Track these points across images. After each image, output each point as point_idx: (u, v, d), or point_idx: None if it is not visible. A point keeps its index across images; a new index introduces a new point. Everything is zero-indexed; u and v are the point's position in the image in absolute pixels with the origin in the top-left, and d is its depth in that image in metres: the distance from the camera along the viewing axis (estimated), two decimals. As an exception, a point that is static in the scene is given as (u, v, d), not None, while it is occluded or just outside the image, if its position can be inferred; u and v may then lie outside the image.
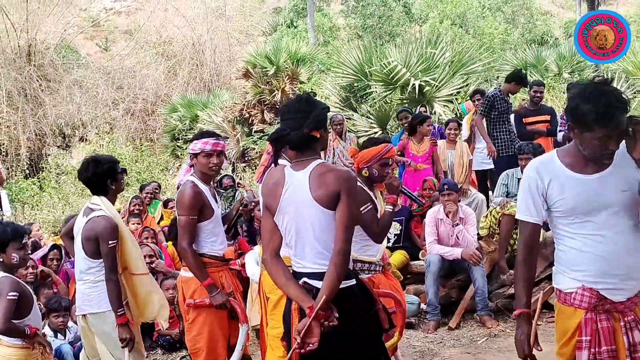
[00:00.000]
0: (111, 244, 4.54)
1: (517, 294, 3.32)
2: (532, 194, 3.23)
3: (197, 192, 4.63)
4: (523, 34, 33.40)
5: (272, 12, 38.78)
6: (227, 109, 21.05)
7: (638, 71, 18.03)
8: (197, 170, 4.76)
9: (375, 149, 4.81)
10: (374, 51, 17.00)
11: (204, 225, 4.68)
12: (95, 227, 4.58)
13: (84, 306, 4.71)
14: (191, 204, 4.59)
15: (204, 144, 4.70)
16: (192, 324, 4.72)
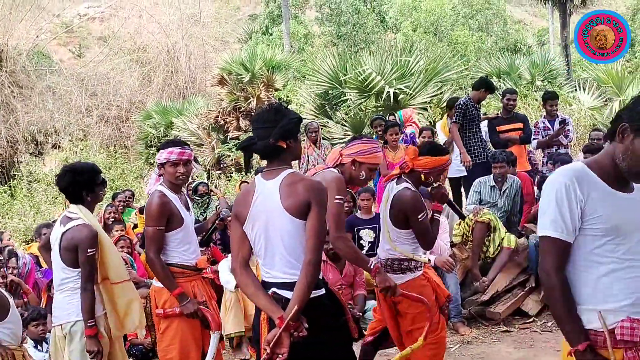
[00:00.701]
0: (90, 252, 4.48)
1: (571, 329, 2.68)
2: (567, 206, 2.69)
3: (165, 202, 4.58)
4: (497, 42, 33.71)
5: (248, 19, 38.79)
6: (202, 116, 20.95)
7: (609, 79, 18.25)
8: (165, 180, 4.72)
9: (440, 159, 4.74)
10: (349, 59, 17.07)
11: (173, 235, 4.63)
12: (75, 236, 4.51)
13: (62, 316, 4.63)
14: (158, 213, 4.55)
15: (169, 154, 4.66)
16: (163, 334, 4.67)
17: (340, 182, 4.27)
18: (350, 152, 4.45)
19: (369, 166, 4.45)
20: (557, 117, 9.36)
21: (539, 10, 45.06)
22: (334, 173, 4.35)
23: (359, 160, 4.42)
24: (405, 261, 4.69)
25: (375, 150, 4.48)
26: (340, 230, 4.23)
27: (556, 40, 28.20)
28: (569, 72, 22.53)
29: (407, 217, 4.57)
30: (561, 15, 25.55)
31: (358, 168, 4.44)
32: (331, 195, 4.08)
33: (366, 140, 4.53)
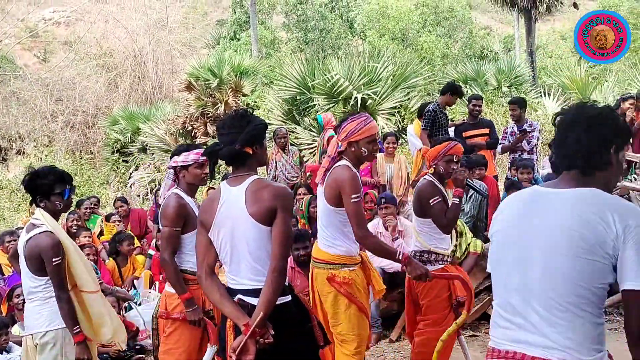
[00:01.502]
0: (55, 261, 4.35)
1: None
2: None
3: (182, 204, 4.58)
4: (463, 49, 34.02)
5: (216, 24, 38.67)
6: (170, 121, 20.81)
7: (573, 85, 18.53)
8: (182, 183, 4.72)
9: (439, 147, 5.10)
10: (317, 64, 17.08)
11: (188, 237, 4.58)
12: (37, 244, 4.39)
13: (33, 325, 4.52)
14: (175, 214, 4.53)
15: (197, 154, 4.68)
16: (168, 337, 4.65)
17: (352, 179, 4.35)
18: (343, 136, 4.51)
19: (366, 140, 4.47)
20: (526, 123, 9.45)
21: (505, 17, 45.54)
22: (344, 169, 4.42)
23: (354, 140, 4.46)
24: (426, 253, 5.01)
25: (364, 124, 4.48)
26: (363, 228, 4.35)
27: (522, 47, 28.52)
28: (534, 79, 22.82)
29: (422, 205, 4.98)
30: (526, 22, 25.84)
31: (357, 147, 4.47)
32: (348, 197, 4.29)
33: (352, 119, 4.55)
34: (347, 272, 4.54)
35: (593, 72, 26.17)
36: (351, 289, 4.54)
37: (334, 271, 4.54)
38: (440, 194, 4.98)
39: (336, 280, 4.52)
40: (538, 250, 2.52)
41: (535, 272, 2.52)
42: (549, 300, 2.46)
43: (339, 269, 4.55)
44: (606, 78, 21.20)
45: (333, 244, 4.55)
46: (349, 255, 4.57)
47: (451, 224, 5.00)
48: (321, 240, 4.64)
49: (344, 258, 4.56)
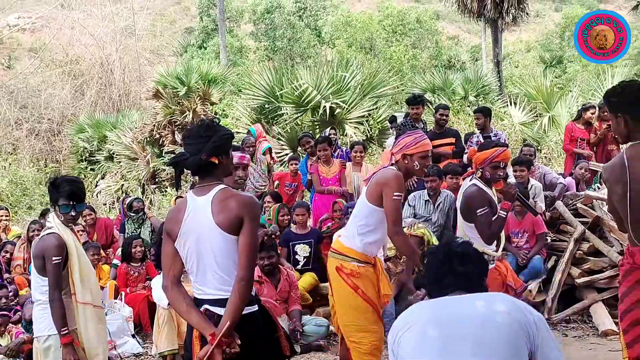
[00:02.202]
0: (54, 260, 4.47)
1: None
2: None
3: None
4: (431, 58, 34.30)
5: (184, 32, 38.53)
6: (137, 129, 20.64)
7: (538, 95, 18.75)
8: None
9: (486, 152, 5.20)
10: (285, 73, 17.10)
11: None
12: (43, 244, 4.57)
13: (38, 329, 4.62)
14: None
15: None
16: None
17: (398, 179, 4.52)
18: (398, 149, 4.70)
19: (420, 155, 4.66)
20: (492, 132, 9.53)
21: (473, 27, 46.05)
22: (393, 170, 4.61)
23: (408, 153, 4.64)
24: None
25: (420, 139, 4.68)
26: (397, 225, 4.53)
27: (489, 57, 28.84)
28: (501, 88, 23.06)
29: (470, 212, 5.09)
30: (493, 32, 26.12)
31: (410, 160, 4.65)
32: (390, 192, 4.46)
33: (409, 133, 4.76)
34: (354, 266, 4.67)
35: (558, 82, 26.57)
36: (357, 281, 4.65)
37: (343, 262, 4.69)
38: (487, 202, 5.11)
39: (344, 270, 4.66)
40: None
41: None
42: None
43: (349, 262, 4.68)
44: (570, 88, 21.50)
45: (353, 239, 4.70)
46: (363, 253, 4.69)
47: (494, 236, 5.14)
48: (344, 232, 4.82)
49: (358, 254, 4.69)
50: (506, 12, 24.97)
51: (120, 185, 19.52)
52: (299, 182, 10.12)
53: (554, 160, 16.25)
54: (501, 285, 5.11)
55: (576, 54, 34.30)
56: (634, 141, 3.71)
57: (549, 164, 15.30)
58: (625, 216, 3.74)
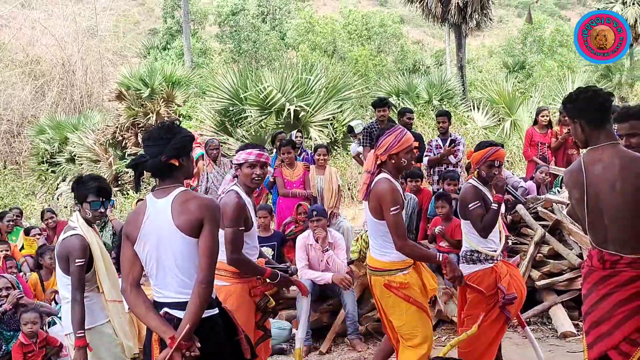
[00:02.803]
0: (78, 262, 4.53)
1: None
2: None
3: (242, 204, 4.60)
4: (395, 62, 34.49)
5: (148, 33, 38.21)
6: (99, 131, 20.44)
7: (501, 100, 18.97)
8: (240, 182, 4.77)
9: (482, 152, 5.32)
10: (249, 76, 17.05)
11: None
12: (66, 246, 4.61)
13: (67, 326, 4.66)
14: (237, 215, 4.54)
15: (248, 154, 4.71)
16: None
17: (392, 192, 4.56)
18: (382, 150, 4.70)
19: (405, 150, 4.69)
20: (450, 136, 9.59)
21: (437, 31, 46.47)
22: (384, 183, 4.62)
23: (393, 153, 4.67)
24: (475, 252, 5.25)
25: (400, 136, 4.69)
26: (401, 238, 4.54)
27: (453, 62, 29.12)
28: (464, 92, 23.28)
29: (463, 208, 5.28)
30: (456, 37, 26.39)
31: (397, 159, 4.69)
32: (387, 208, 4.52)
33: (389, 132, 4.74)
34: (402, 277, 4.72)
35: (521, 87, 26.90)
36: (408, 291, 4.72)
37: (389, 277, 4.72)
38: (481, 198, 5.23)
39: (393, 285, 4.71)
40: None
41: None
42: None
43: (394, 275, 4.72)
44: (532, 93, 21.78)
45: (384, 252, 4.74)
46: (400, 260, 4.73)
47: (487, 228, 5.19)
48: (373, 250, 4.86)
49: (397, 264, 4.72)
50: (470, 17, 25.26)
51: (81, 187, 19.21)
52: (262, 185, 10.07)
53: (516, 165, 16.45)
54: (492, 286, 5.17)
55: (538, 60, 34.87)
56: (592, 146, 3.76)
57: (511, 168, 15.49)
58: (583, 219, 3.80)
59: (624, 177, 3.58)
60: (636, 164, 3.58)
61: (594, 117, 3.74)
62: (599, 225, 3.72)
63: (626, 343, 3.61)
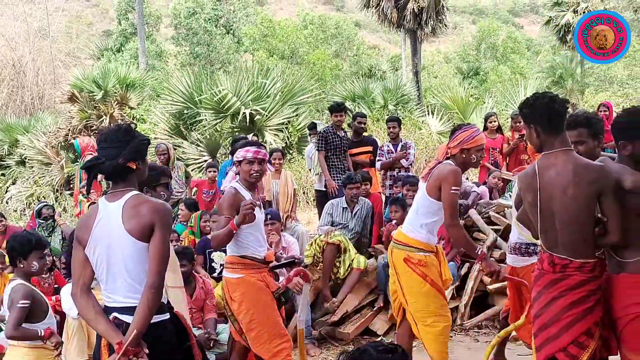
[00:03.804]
0: None
1: None
2: None
3: (237, 198, 4.84)
4: (351, 66, 34.62)
5: (102, 34, 37.72)
6: (51, 133, 20.13)
7: (454, 105, 19.19)
8: (241, 178, 5.02)
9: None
10: (204, 79, 16.94)
11: (245, 229, 4.86)
12: None
13: None
14: (229, 205, 4.83)
15: (246, 152, 4.94)
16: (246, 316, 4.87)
17: (456, 174, 4.77)
18: (455, 143, 4.91)
19: (476, 148, 4.90)
20: (401, 141, 9.65)
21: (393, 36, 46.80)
22: (450, 165, 4.83)
23: (466, 148, 4.87)
24: (532, 245, 5.30)
25: (475, 134, 4.91)
26: (454, 218, 4.76)
27: (408, 67, 29.36)
28: (419, 98, 23.47)
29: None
30: (412, 42, 26.62)
31: (467, 154, 4.89)
32: (448, 187, 4.71)
33: (465, 129, 4.97)
34: (422, 256, 4.95)
35: (475, 93, 27.26)
36: (426, 270, 4.94)
37: (410, 253, 4.96)
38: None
39: (412, 261, 4.93)
40: None
41: None
42: None
43: (415, 252, 4.95)
44: (485, 99, 22.09)
45: (415, 230, 4.99)
46: (427, 243, 4.98)
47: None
48: (405, 227, 5.09)
49: (421, 243, 4.96)
50: (425, 23, 25.49)
51: (32, 191, 18.90)
52: (216, 189, 10.01)
53: (470, 170, 16.60)
54: None
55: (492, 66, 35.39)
56: (547, 151, 3.81)
57: (465, 173, 15.63)
58: (536, 224, 3.84)
59: (576, 183, 3.63)
60: (588, 171, 3.64)
61: (549, 123, 3.78)
62: (550, 229, 3.77)
63: (574, 346, 3.66)
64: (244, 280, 4.86)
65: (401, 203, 7.74)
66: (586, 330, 3.65)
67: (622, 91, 23.76)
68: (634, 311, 3.57)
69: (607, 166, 3.69)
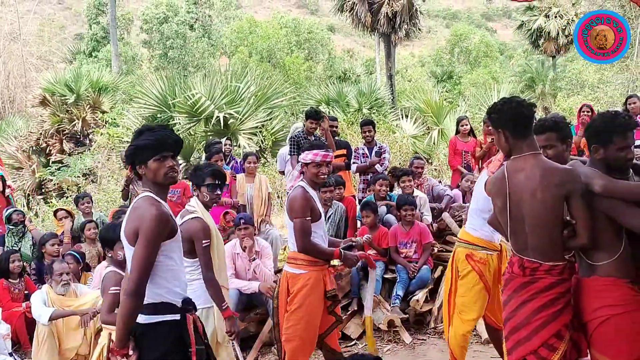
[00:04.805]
0: (204, 243, 4.83)
1: None
2: None
3: (308, 197, 4.99)
4: (325, 70, 34.65)
5: (74, 38, 37.40)
6: (22, 138, 19.94)
7: (428, 109, 19.28)
8: (306, 177, 5.12)
9: None
10: (178, 82, 16.84)
11: (313, 227, 5.01)
12: (188, 228, 4.85)
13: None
14: (303, 206, 4.93)
15: (315, 156, 5.05)
16: (292, 314, 4.99)
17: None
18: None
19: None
20: (376, 145, 9.66)
21: (368, 40, 46.94)
22: None
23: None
24: None
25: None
26: None
27: (383, 71, 29.47)
28: (393, 101, 23.56)
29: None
30: (386, 46, 26.73)
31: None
32: None
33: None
34: (484, 254, 5.09)
35: (449, 96, 27.45)
36: (483, 268, 5.08)
37: (473, 251, 5.11)
38: None
39: (473, 258, 5.08)
40: None
41: None
42: None
43: (479, 250, 5.10)
44: (459, 103, 22.24)
45: (479, 229, 5.08)
46: (489, 241, 5.10)
47: None
48: (469, 225, 5.22)
49: (485, 242, 5.10)
50: (399, 27, 25.64)
51: (3, 196, 18.63)
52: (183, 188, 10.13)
53: (444, 173, 16.70)
54: None
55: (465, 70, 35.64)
56: (515, 155, 3.83)
57: (438, 176, 15.72)
58: (505, 227, 3.87)
59: (544, 186, 3.65)
60: (556, 174, 3.67)
61: (517, 127, 3.80)
62: (520, 232, 3.79)
63: (544, 348, 3.68)
64: (304, 277, 4.99)
65: (372, 207, 7.76)
66: (556, 332, 3.67)
67: (593, 95, 24.03)
68: (604, 314, 3.61)
69: (575, 169, 3.72)
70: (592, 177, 3.66)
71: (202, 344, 3.79)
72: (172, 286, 3.61)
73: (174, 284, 3.62)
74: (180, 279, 3.69)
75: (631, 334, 3.57)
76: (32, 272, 8.34)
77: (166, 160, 3.58)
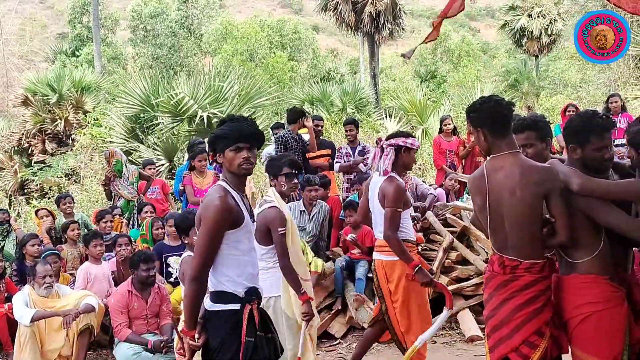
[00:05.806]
0: (281, 231, 4.92)
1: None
2: None
3: (403, 188, 5.20)
4: (309, 69, 34.66)
5: (57, 37, 37.15)
6: (4, 138, 19.83)
7: (412, 108, 19.32)
8: (398, 166, 5.31)
9: None
10: (161, 82, 16.78)
11: (404, 215, 5.26)
12: (265, 217, 4.97)
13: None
14: (398, 198, 5.16)
15: (414, 141, 5.32)
16: (402, 306, 5.31)
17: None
18: None
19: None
20: (359, 144, 9.67)
21: (352, 40, 46.95)
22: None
23: None
24: None
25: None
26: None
27: (367, 70, 29.51)
28: (377, 101, 23.59)
29: None
30: (370, 46, 26.77)
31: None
32: None
33: None
34: None
35: (432, 96, 27.52)
36: None
37: None
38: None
39: None
40: None
41: None
42: None
43: None
44: (442, 102, 22.30)
45: None
46: None
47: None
48: None
49: None
50: (382, 26, 25.67)
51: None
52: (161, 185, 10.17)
53: (428, 172, 16.73)
54: None
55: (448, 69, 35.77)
56: (494, 154, 3.85)
57: (422, 176, 15.75)
58: (486, 226, 3.89)
59: (523, 184, 3.67)
60: (535, 173, 3.69)
61: (496, 126, 3.82)
62: (499, 231, 3.81)
63: (525, 345, 3.70)
64: (400, 263, 5.19)
65: (355, 207, 7.77)
66: (537, 329, 3.69)
67: (575, 94, 24.21)
68: (585, 311, 3.63)
69: (554, 168, 3.74)
70: (570, 176, 3.68)
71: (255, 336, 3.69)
72: (234, 276, 3.60)
73: (236, 273, 3.61)
74: (245, 269, 3.66)
75: (611, 330, 3.60)
76: (14, 274, 8.28)
77: (241, 151, 3.62)
